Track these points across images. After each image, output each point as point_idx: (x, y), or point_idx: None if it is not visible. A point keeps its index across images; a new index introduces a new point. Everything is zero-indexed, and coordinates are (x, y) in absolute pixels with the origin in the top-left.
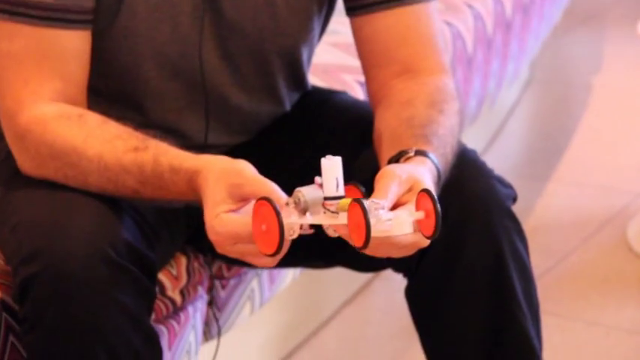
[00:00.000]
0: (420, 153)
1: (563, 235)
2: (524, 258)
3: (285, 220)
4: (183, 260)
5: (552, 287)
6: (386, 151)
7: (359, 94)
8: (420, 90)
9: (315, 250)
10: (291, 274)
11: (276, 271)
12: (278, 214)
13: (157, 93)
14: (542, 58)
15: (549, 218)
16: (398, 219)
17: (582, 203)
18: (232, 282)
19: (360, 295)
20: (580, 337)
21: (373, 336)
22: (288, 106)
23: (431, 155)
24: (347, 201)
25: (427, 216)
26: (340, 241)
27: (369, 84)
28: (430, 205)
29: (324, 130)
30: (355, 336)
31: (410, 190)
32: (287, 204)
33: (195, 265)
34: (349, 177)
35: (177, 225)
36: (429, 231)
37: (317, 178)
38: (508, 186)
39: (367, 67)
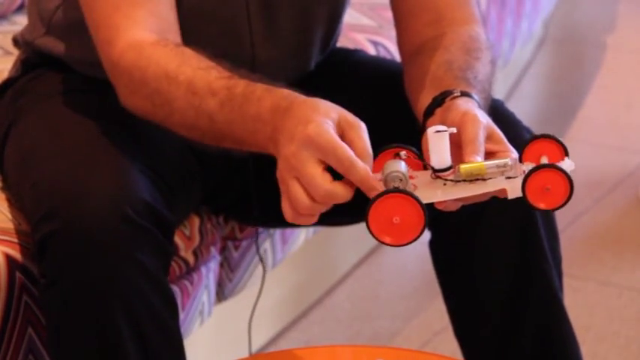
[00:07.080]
0: (465, 94)
1: (576, 195)
2: (550, 211)
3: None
4: (196, 221)
5: (565, 247)
6: (427, 93)
7: (372, 52)
8: (454, 38)
9: (343, 206)
10: (303, 235)
11: (288, 232)
12: (420, 204)
13: (193, 36)
14: (556, 16)
15: None
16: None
17: (595, 163)
18: (244, 243)
19: (372, 256)
20: (592, 297)
21: (385, 296)
22: (313, 66)
23: (476, 97)
24: (476, 165)
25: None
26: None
27: (400, 33)
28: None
29: (351, 85)
30: (367, 296)
31: (489, 138)
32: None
33: (208, 225)
34: (383, 129)
35: (195, 186)
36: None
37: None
38: None
39: (400, 16)
